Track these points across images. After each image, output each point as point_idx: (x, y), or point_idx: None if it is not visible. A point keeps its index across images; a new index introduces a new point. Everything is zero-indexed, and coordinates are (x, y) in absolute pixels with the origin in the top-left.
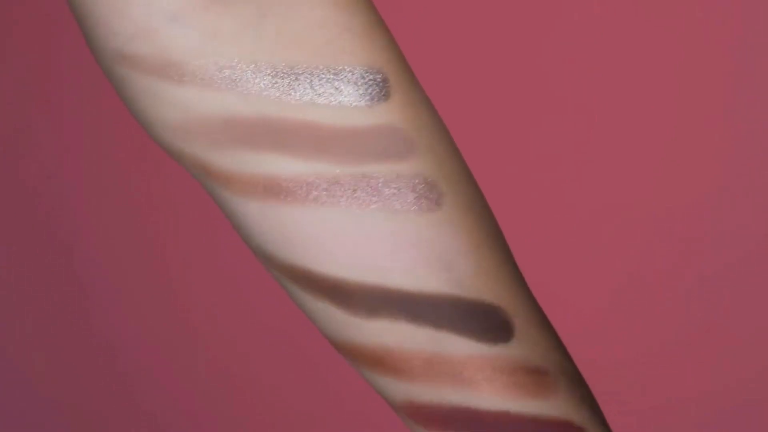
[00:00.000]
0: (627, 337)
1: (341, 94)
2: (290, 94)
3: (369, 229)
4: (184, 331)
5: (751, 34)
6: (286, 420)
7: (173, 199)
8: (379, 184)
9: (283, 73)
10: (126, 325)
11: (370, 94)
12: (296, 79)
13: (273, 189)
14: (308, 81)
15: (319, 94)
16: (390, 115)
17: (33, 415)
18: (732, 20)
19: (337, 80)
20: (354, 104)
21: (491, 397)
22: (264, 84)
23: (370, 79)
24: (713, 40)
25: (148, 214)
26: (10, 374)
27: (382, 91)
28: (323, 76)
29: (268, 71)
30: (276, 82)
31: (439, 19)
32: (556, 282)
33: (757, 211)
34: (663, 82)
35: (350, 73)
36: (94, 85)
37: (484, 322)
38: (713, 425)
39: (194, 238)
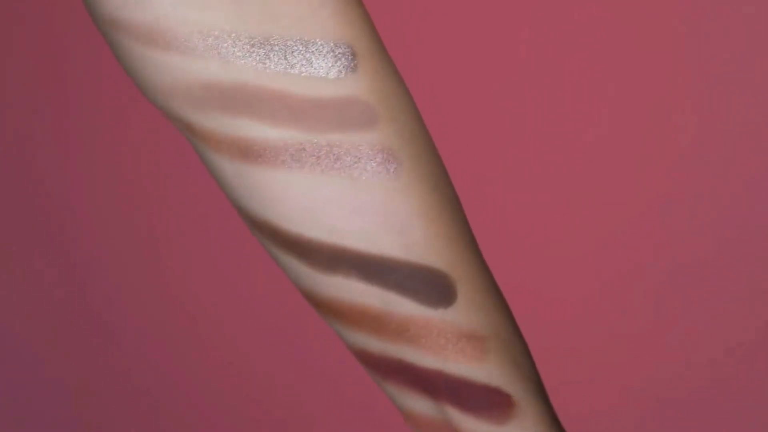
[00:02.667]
0: (605, 324)
1: (311, 66)
2: (265, 64)
3: (329, 193)
4: (180, 312)
5: (717, 35)
6: (283, 400)
7: (172, 186)
8: (342, 152)
9: (259, 43)
10: (124, 307)
11: (338, 66)
12: (271, 49)
13: (246, 151)
14: (282, 52)
15: (292, 65)
16: (355, 87)
17: (35, 397)
18: (698, 21)
19: (309, 52)
20: (322, 75)
21: (428, 355)
22: (241, 53)
23: (339, 53)
24: (681, 40)
25: (146, 201)
26: (13, 358)
27: (350, 64)
28: (296, 48)
29: (246, 42)
30: (253, 52)
31: (419, 15)
32: (539, 270)
33: (731, 203)
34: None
35: (321, 46)
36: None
37: (428, 286)
38: (687, 403)
39: (192, 222)
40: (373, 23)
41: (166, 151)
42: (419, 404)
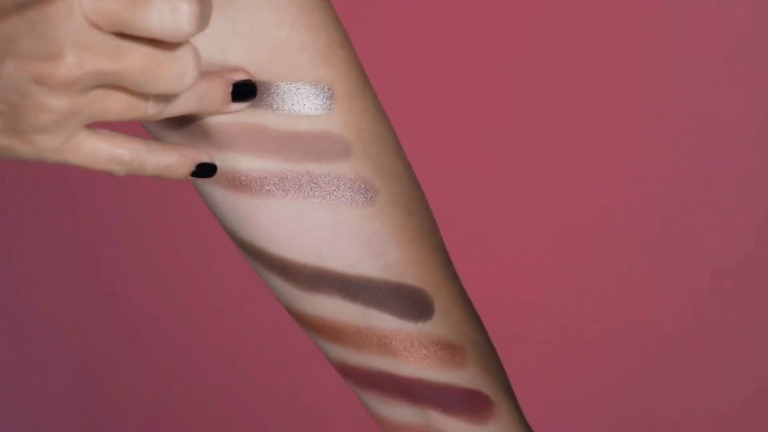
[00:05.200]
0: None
1: (292, 105)
2: (245, 103)
3: (311, 220)
4: (183, 276)
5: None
6: (282, 359)
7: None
8: (320, 181)
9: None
10: (131, 274)
11: (315, 105)
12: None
13: (233, 181)
14: (264, 92)
15: (271, 104)
16: (330, 123)
17: (45, 360)
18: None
19: (288, 93)
20: (300, 113)
21: (410, 366)
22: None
23: (314, 94)
24: (630, 42)
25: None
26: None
27: (326, 104)
28: (277, 89)
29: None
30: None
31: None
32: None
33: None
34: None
35: (298, 88)
36: None
37: (407, 302)
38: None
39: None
40: (358, 63)
41: None
42: (400, 412)
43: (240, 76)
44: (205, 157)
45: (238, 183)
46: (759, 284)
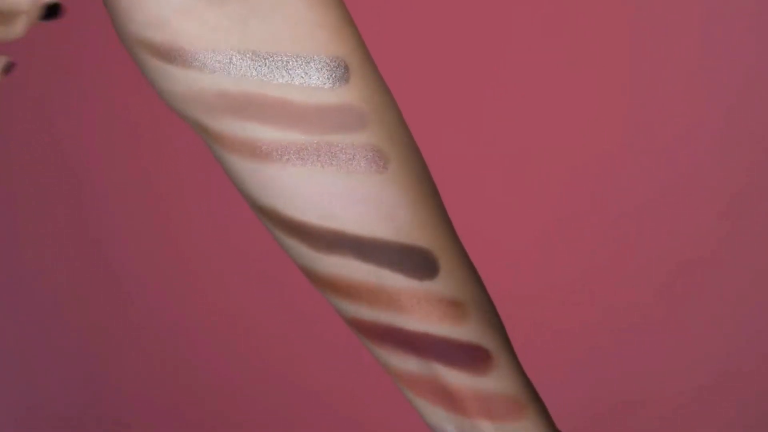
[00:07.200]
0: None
1: (310, 78)
2: (269, 77)
3: (329, 186)
4: (179, 254)
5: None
6: (280, 328)
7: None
8: (338, 151)
9: (263, 60)
10: (130, 252)
11: (332, 78)
12: (275, 65)
13: (255, 150)
14: (284, 67)
15: (293, 78)
16: (348, 95)
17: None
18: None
19: (307, 67)
20: (319, 86)
21: (416, 321)
22: (248, 68)
23: (333, 67)
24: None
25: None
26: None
27: (343, 76)
28: (296, 63)
29: (252, 58)
30: (258, 67)
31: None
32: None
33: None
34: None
35: (317, 62)
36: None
37: (415, 262)
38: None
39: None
40: (362, 39)
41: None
42: (408, 363)
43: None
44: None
45: (260, 152)
46: (723, 278)
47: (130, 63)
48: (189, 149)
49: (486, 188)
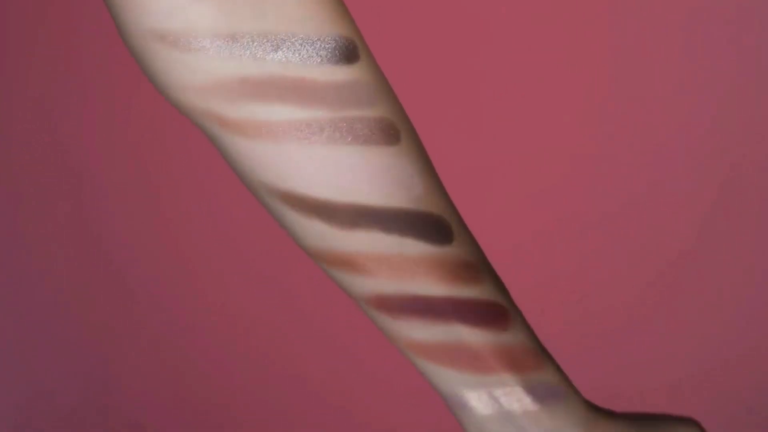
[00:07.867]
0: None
1: (327, 57)
2: (289, 57)
3: (350, 161)
4: (179, 247)
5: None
6: (281, 318)
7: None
8: (357, 126)
9: (282, 42)
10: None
11: (347, 56)
12: (294, 46)
13: (275, 132)
14: (302, 48)
15: (311, 57)
16: (360, 72)
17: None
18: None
19: (325, 46)
20: (334, 65)
21: (440, 286)
22: (269, 51)
23: (347, 45)
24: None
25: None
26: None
27: (354, 55)
28: (314, 43)
29: (271, 40)
30: (278, 49)
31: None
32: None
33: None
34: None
35: (333, 41)
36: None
37: (434, 228)
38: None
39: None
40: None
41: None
42: (430, 331)
43: None
44: None
45: (281, 133)
46: (705, 274)
47: (130, 63)
48: (190, 148)
49: (483, 188)
